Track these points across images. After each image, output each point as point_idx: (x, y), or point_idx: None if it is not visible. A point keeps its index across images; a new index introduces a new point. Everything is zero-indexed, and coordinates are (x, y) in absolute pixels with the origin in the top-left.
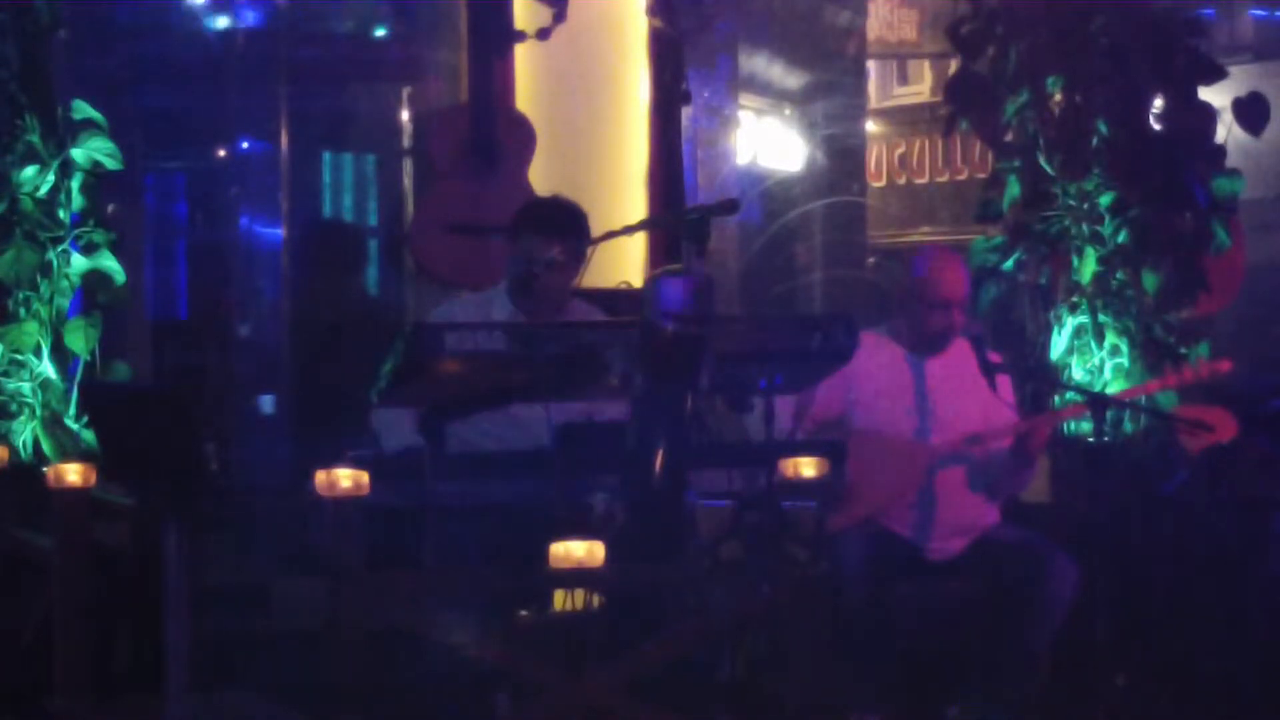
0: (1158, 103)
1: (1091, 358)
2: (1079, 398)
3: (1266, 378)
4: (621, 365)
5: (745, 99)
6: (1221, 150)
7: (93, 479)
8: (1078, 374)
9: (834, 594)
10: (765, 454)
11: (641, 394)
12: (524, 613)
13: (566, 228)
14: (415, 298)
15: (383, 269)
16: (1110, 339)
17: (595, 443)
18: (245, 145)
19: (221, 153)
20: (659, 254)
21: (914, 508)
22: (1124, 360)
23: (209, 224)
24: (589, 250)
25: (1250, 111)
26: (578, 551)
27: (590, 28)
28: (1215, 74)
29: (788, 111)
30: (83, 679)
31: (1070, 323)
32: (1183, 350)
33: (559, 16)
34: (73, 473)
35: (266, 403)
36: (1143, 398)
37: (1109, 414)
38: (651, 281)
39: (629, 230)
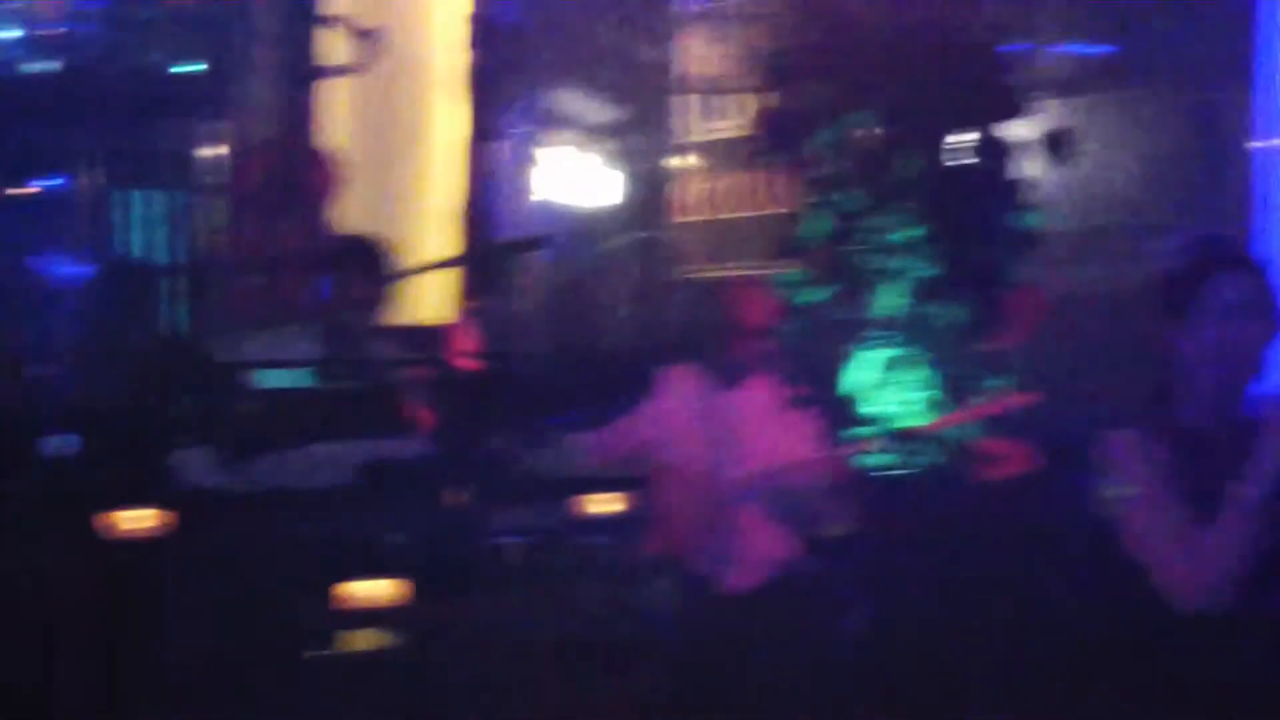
0: (963, 137)
1: (895, 391)
2: (883, 430)
3: (1068, 409)
4: (424, 401)
5: (553, 135)
6: (1025, 185)
7: None
8: (881, 407)
9: (635, 629)
10: (568, 489)
11: (444, 430)
12: (323, 651)
13: (372, 264)
14: (221, 333)
15: (189, 304)
16: (914, 371)
17: (397, 479)
18: (50, 181)
19: (25, 188)
20: (465, 290)
21: (715, 541)
22: (927, 393)
23: (6, 261)
24: (395, 286)
25: (1055, 146)
26: (378, 590)
27: (400, 64)
28: (1019, 109)
29: (595, 146)
30: None
31: (874, 356)
32: (985, 383)
33: (372, 51)
34: None
35: (66, 442)
36: (945, 430)
37: (913, 446)
38: (457, 318)
39: (435, 266)
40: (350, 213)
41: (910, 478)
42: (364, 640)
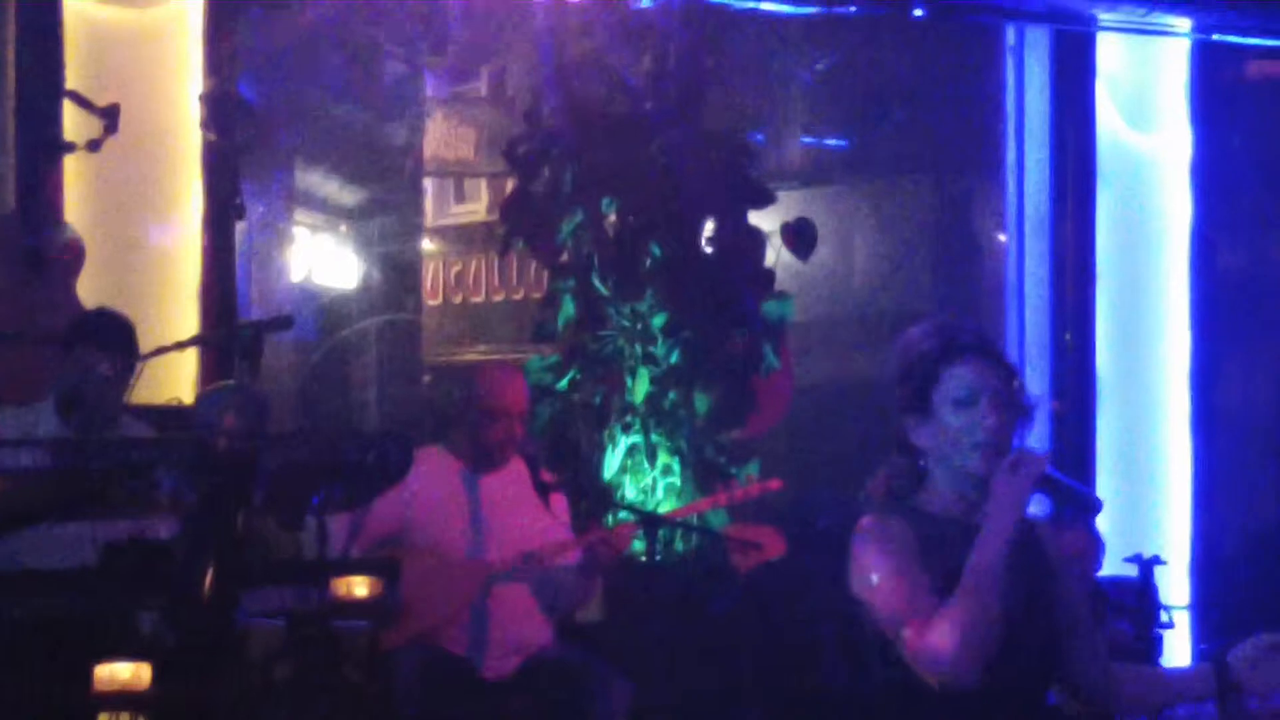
0: (710, 225)
1: (644, 477)
2: (632, 517)
3: (814, 496)
4: (171, 482)
5: (301, 215)
6: (771, 273)
7: None
8: (631, 493)
9: (388, 714)
10: (318, 572)
11: (192, 511)
12: None
13: (116, 341)
14: None
15: None
16: (662, 458)
17: (143, 561)
18: None
19: None
20: (211, 370)
21: (469, 626)
22: (676, 479)
23: None
24: (139, 365)
25: (799, 236)
26: (123, 673)
27: (143, 140)
28: (765, 199)
29: (344, 228)
30: None
31: (623, 442)
32: (733, 470)
33: (110, 128)
34: None
35: None
36: (694, 517)
37: (661, 533)
38: (204, 397)
39: (181, 345)
40: (94, 290)
41: (661, 563)
42: None
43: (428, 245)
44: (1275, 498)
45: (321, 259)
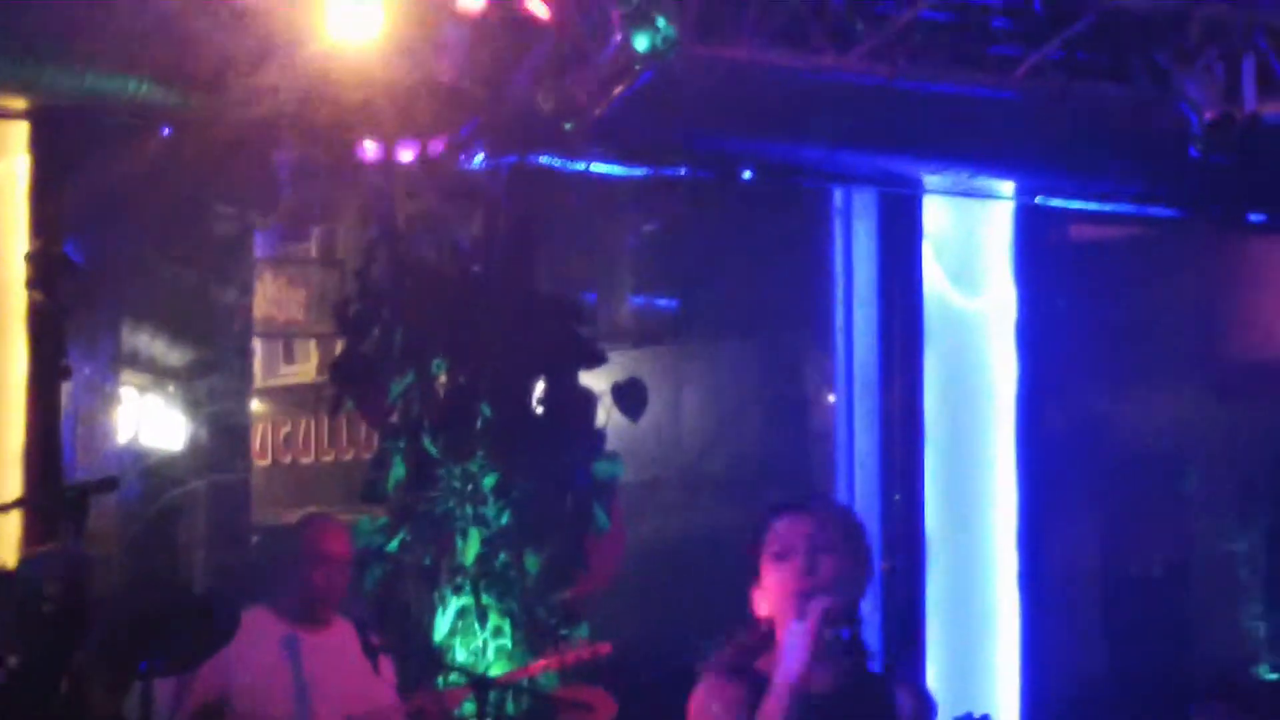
0: (541, 385)
1: (475, 639)
2: (462, 679)
3: (637, 653)
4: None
5: (128, 375)
6: (602, 433)
7: None
8: (461, 655)
9: None
10: None
11: (13, 675)
12: None
13: None
14: None
15: None
16: (493, 620)
17: None
18: None
19: None
20: (35, 533)
21: None
22: (507, 641)
23: None
24: None
25: (629, 396)
26: None
27: None
28: (596, 359)
29: (171, 388)
30: None
31: (454, 603)
32: (564, 631)
33: None
34: None
35: None
36: (525, 679)
37: (492, 695)
38: (26, 561)
39: (4, 509)
40: None
41: None
42: None
43: (256, 406)
44: (1106, 645)
45: (148, 419)
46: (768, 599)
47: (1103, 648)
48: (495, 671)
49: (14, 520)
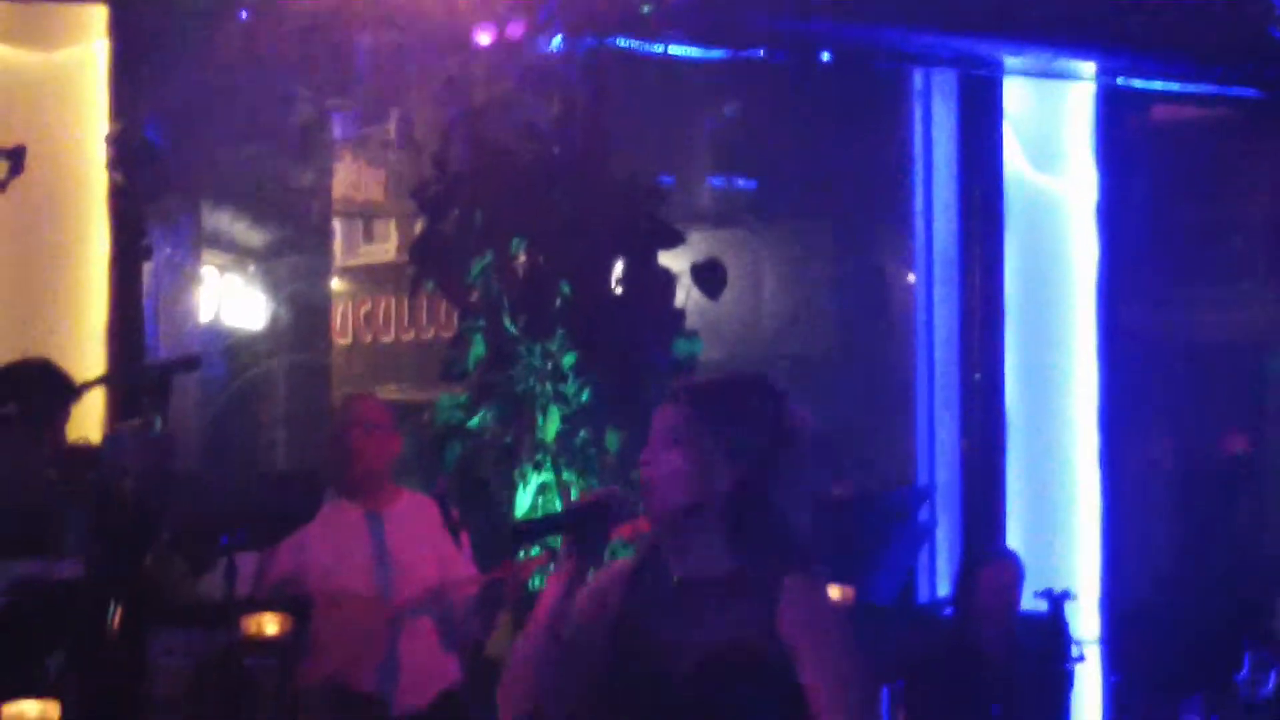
0: (619, 266)
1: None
2: (542, 553)
3: None
4: (79, 521)
5: (208, 255)
6: (680, 313)
7: None
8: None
9: None
10: (227, 612)
11: (99, 552)
12: None
13: (48, 390)
14: None
15: None
16: (573, 496)
17: (50, 602)
18: None
19: None
20: (119, 411)
21: (378, 664)
22: None
23: None
24: (63, 414)
25: (708, 276)
26: (31, 712)
27: (48, 181)
28: (673, 239)
29: (251, 269)
30: None
31: (534, 480)
32: (643, 506)
33: (15, 169)
34: None
35: None
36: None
37: None
38: (110, 438)
39: (90, 385)
40: (3, 333)
41: None
42: None
43: (337, 285)
44: (1182, 531)
45: (229, 299)
46: None
47: (1181, 532)
48: None
49: (98, 398)
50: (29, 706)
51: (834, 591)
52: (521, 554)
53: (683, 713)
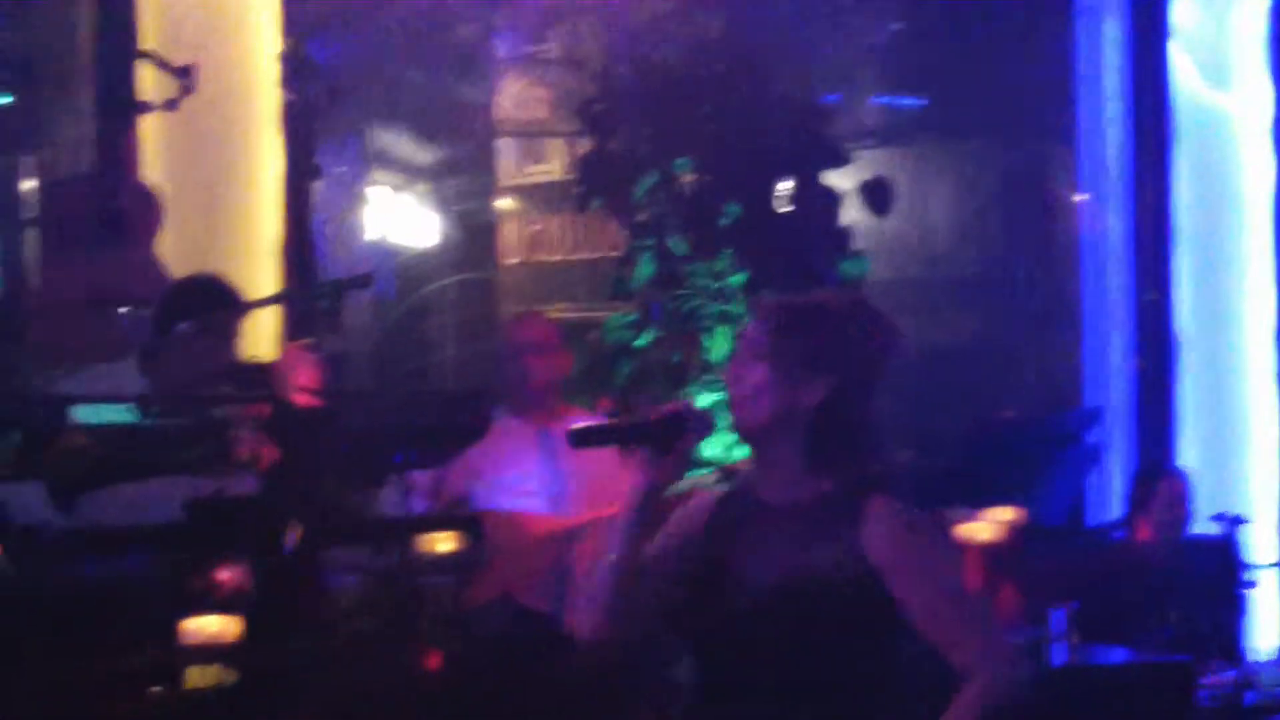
0: (785, 186)
1: (724, 435)
2: (709, 472)
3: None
4: (253, 439)
5: (377, 174)
6: (847, 233)
7: None
8: (709, 450)
9: (471, 670)
10: (400, 529)
11: (273, 468)
12: (155, 689)
13: (221, 306)
14: (40, 370)
15: (5, 341)
16: None
17: (226, 517)
18: None
19: None
20: (290, 329)
21: (551, 581)
22: None
23: None
24: (235, 330)
25: (875, 196)
26: (210, 627)
27: (220, 99)
28: (841, 159)
29: (419, 187)
30: None
31: (702, 400)
32: None
33: (187, 87)
34: None
35: None
36: None
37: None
38: (283, 356)
39: (261, 304)
40: (172, 249)
41: None
42: (196, 679)
43: (504, 204)
44: None
45: (398, 218)
46: None
47: None
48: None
49: (271, 316)
50: (208, 622)
51: (1005, 514)
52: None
53: (767, 642)
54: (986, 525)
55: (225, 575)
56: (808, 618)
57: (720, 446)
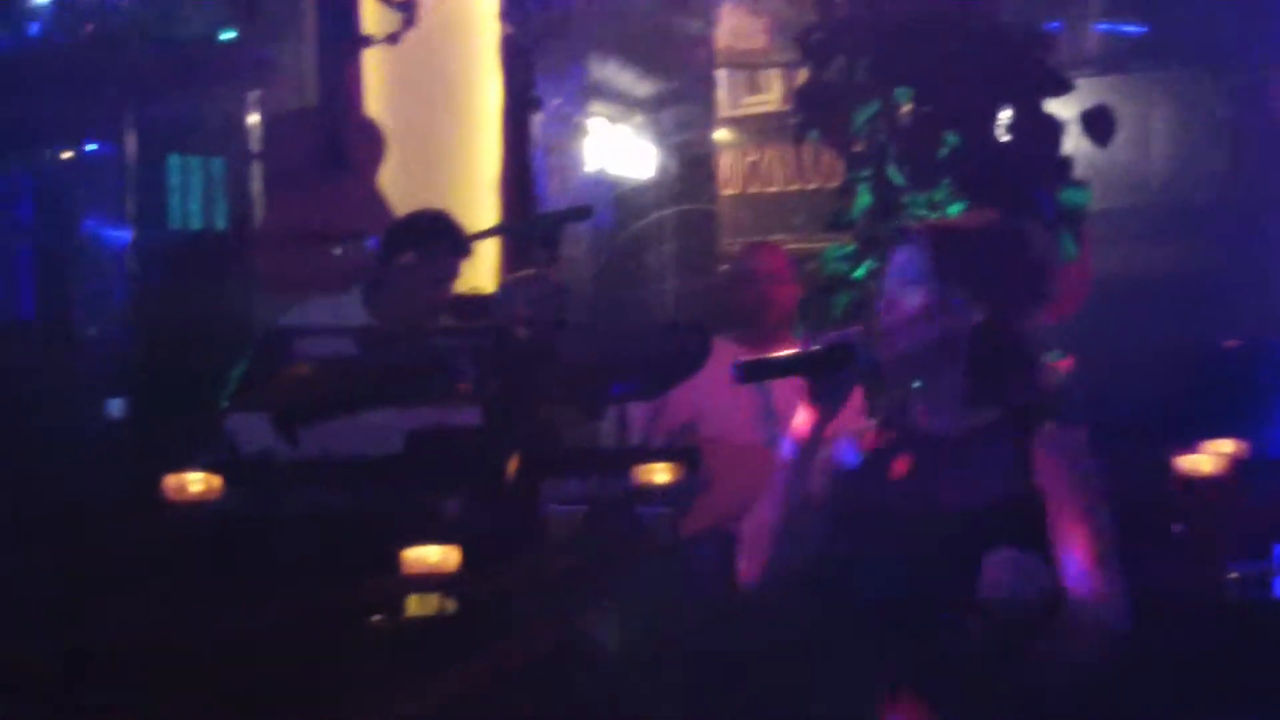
0: (1005, 114)
1: None
2: None
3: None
4: (474, 371)
5: (595, 106)
6: (1068, 162)
7: None
8: None
9: (688, 600)
10: (619, 460)
11: (493, 400)
12: (377, 618)
13: (445, 240)
14: (264, 303)
15: (231, 274)
16: None
17: (447, 448)
18: (90, 147)
19: (66, 154)
20: (510, 260)
21: None
22: None
23: (55, 226)
24: (459, 266)
25: (1097, 124)
26: (431, 557)
27: (440, 33)
28: (1062, 87)
29: (638, 119)
30: None
31: None
32: None
33: (409, 21)
34: None
35: (115, 405)
36: None
37: None
38: (504, 287)
39: (481, 235)
40: (394, 182)
41: None
42: (417, 606)
43: (722, 135)
44: None
45: (617, 150)
46: None
47: None
48: None
49: (491, 248)
50: (429, 551)
51: (1226, 446)
52: None
53: (935, 576)
54: (1208, 458)
55: (445, 506)
56: (981, 549)
57: None
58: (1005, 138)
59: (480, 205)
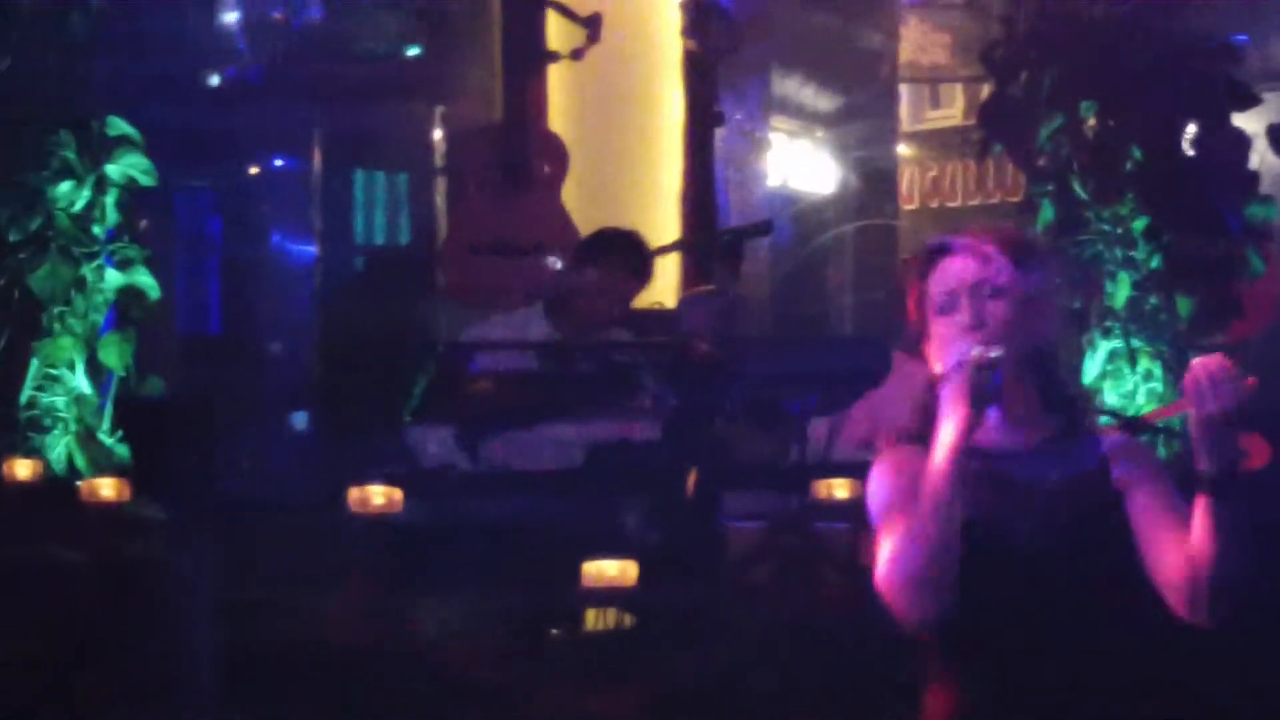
0: (1191, 129)
1: (1125, 382)
2: (1113, 421)
3: None
4: (654, 385)
5: (777, 121)
6: (1255, 177)
7: (126, 494)
8: (1110, 398)
9: (867, 615)
10: (798, 475)
11: (673, 414)
12: (555, 631)
13: (630, 258)
14: (447, 317)
15: (414, 288)
16: (1143, 363)
17: (627, 462)
18: (277, 163)
19: (253, 170)
20: (692, 275)
21: None
22: (1158, 384)
23: (241, 240)
24: (644, 277)
25: None
26: (610, 570)
27: (623, 48)
28: (1249, 101)
29: (819, 134)
30: (105, 693)
31: (1104, 347)
32: None
33: (593, 37)
34: (106, 487)
35: (299, 419)
36: (1178, 420)
37: (1143, 438)
38: (685, 302)
39: (663, 251)
40: (576, 197)
41: None
42: (594, 620)
43: (903, 150)
44: None
45: (798, 165)
46: (938, 356)
47: None
48: (1141, 412)
49: (673, 262)
50: (608, 565)
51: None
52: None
53: (1036, 583)
54: None
55: (625, 520)
56: (1079, 552)
57: (1120, 397)
58: (1191, 152)
59: (661, 220)
